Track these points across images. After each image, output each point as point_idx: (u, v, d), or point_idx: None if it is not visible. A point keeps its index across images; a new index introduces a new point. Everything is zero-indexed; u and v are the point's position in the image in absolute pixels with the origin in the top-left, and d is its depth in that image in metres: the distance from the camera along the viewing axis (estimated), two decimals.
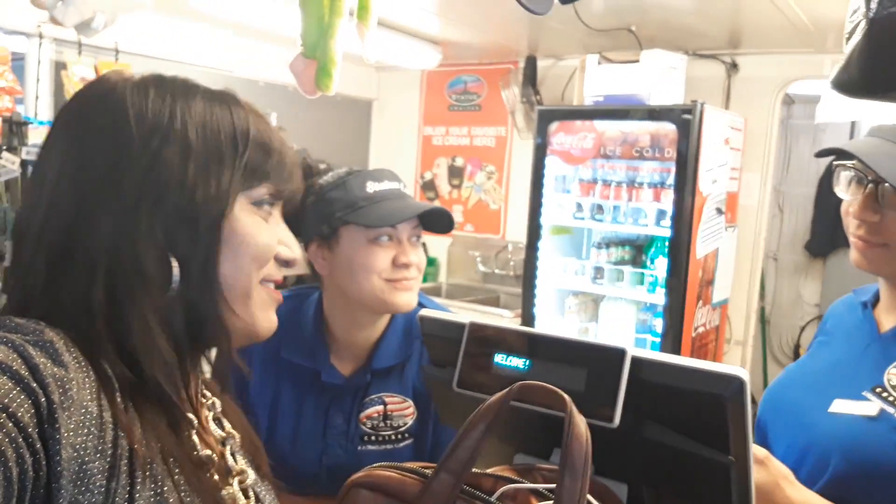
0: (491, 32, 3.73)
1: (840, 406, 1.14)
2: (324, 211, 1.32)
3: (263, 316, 0.75)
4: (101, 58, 3.44)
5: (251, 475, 0.76)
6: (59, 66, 3.38)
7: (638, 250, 3.52)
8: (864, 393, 1.13)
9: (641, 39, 3.32)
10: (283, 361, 1.36)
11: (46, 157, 0.67)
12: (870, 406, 1.11)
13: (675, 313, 3.14)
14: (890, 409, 1.08)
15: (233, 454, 0.76)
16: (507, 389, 0.72)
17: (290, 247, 0.77)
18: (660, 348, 3.20)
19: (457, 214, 4.66)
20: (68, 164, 0.66)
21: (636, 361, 0.84)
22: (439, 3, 3.21)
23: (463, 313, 3.77)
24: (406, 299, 1.32)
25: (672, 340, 3.15)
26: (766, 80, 3.56)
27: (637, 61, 3.25)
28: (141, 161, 0.66)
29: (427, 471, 0.75)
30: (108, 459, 0.55)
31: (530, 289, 3.60)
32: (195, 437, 0.69)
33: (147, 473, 0.58)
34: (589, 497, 0.70)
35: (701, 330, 3.29)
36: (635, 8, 3.01)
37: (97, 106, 0.67)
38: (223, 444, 0.76)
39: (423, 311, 1.01)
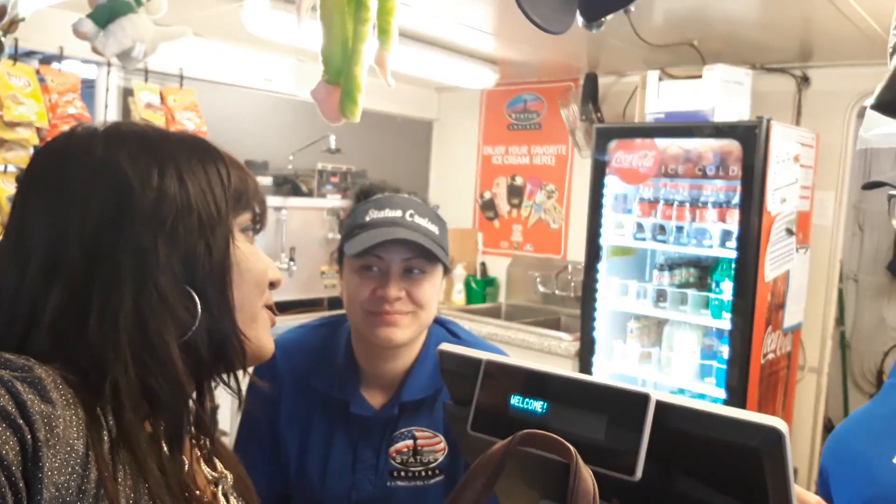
0: (548, 50, 3.67)
1: None
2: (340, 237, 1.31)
3: (267, 338, 0.78)
4: (167, 84, 3.54)
5: None
6: (127, 93, 3.49)
7: (703, 272, 3.39)
8: None
9: (704, 54, 3.20)
10: (313, 391, 1.33)
11: (24, 222, 0.66)
12: None
13: (742, 339, 3.00)
14: None
15: (225, 495, 0.74)
16: (508, 439, 0.67)
17: (274, 269, 0.79)
18: (726, 375, 3.05)
19: (517, 234, 4.60)
20: (64, 221, 0.65)
21: (661, 407, 0.77)
22: (495, 23, 3.18)
23: (520, 336, 3.71)
24: (385, 335, 1.26)
25: (739, 367, 3.00)
26: (840, 93, 3.38)
27: (700, 77, 3.13)
28: (146, 196, 0.66)
29: None
30: (91, 500, 0.54)
31: (589, 311, 3.50)
32: (187, 478, 0.66)
33: None
34: None
35: (771, 356, 3.13)
36: (698, 22, 2.91)
37: (77, 159, 0.67)
38: (215, 484, 0.73)
39: (442, 346, 0.96)
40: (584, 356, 3.50)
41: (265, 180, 3.82)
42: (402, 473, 1.29)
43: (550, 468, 0.87)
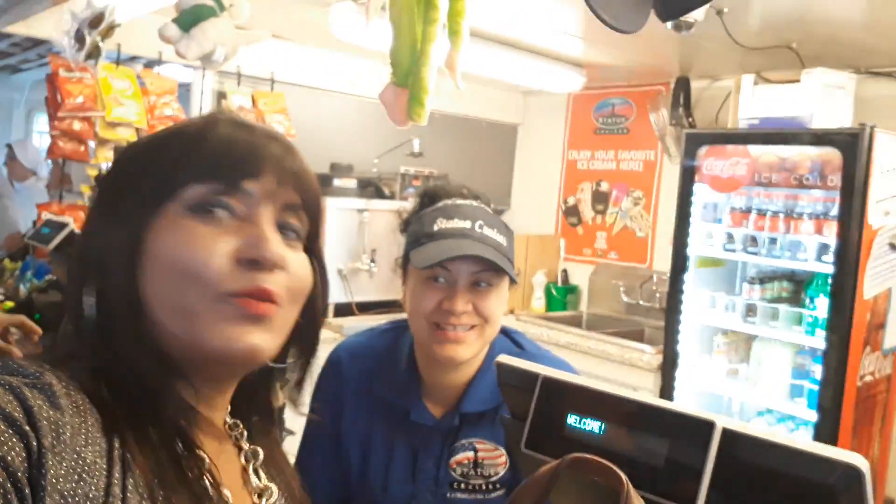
0: (637, 53, 3.58)
1: None
2: (405, 242, 1.29)
3: (223, 333, 0.62)
4: (258, 87, 3.64)
5: None
6: (220, 96, 3.61)
7: (796, 287, 3.22)
8: None
9: (804, 57, 3.04)
10: (375, 398, 1.32)
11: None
12: None
13: (837, 359, 2.82)
14: None
15: None
16: (556, 462, 0.63)
17: (254, 246, 0.63)
18: (818, 397, 2.89)
19: (600, 241, 4.50)
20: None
21: (728, 436, 0.72)
22: (582, 26, 3.12)
23: (601, 346, 3.62)
24: (448, 353, 1.22)
25: (833, 389, 2.83)
26: None
27: (798, 81, 2.98)
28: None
29: None
30: None
31: (674, 324, 3.38)
32: (207, 482, 0.64)
33: None
34: None
35: (868, 379, 2.94)
36: (796, 24, 2.77)
37: None
38: (259, 495, 0.72)
39: (500, 358, 0.93)
40: (667, 370, 3.39)
41: (350, 183, 3.87)
42: (463, 486, 1.27)
43: (603, 490, 0.83)
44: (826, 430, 2.81)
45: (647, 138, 4.23)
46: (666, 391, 3.36)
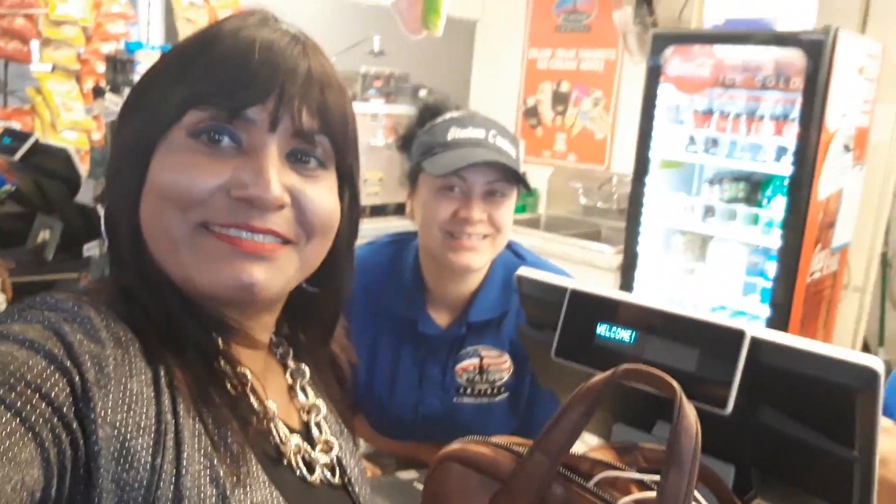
0: None
1: None
2: (412, 155, 1.28)
3: (209, 269, 0.59)
4: None
5: (336, 446, 0.73)
6: None
7: (753, 188, 3.31)
8: None
9: None
10: (382, 309, 1.34)
11: None
12: None
13: (790, 257, 2.96)
14: None
15: (317, 424, 0.73)
16: (610, 372, 0.67)
17: (248, 184, 0.59)
18: (771, 294, 3.04)
19: (559, 143, 4.52)
20: None
21: (756, 343, 0.77)
22: None
23: (561, 248, 3.69)
24: (464, 261, 1.24)
25: (785, 286, 2.98)
26: None
27: None
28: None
29: (520, 448, 0.72)
30: (152, 436, 0.53)
31: (635, 226, 3.47)
32: (253, 400, 0.65)
33: (196, 447, 0.56)
34: (695, 495, 0.65)
35: (817, 276, 3.09)
36: None
37: None
38: (307, 412, 0.73)
39: (521, 270, 0.96)
40: (627, 270, 3.50)
41: None
42: (469, 391, 1.32)
43: (626, 394, 0.88)
44: (777, 325, 2.98)
45: (608, 37, 4.19)
46: (626, 291, 3.48)
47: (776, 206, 3.08)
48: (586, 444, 0.82)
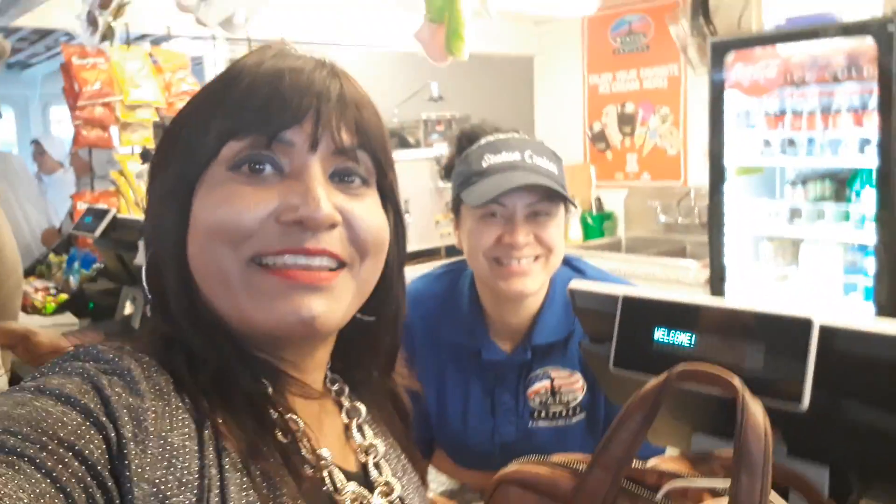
0: None
1: None
2: (452, 185, 1.27)
3: (266, 306, 0.57)
4: None
5: (398, 487, 0.69)
6: None
7: (840, 184, 3.15)
8: None
9: None
10: (444, 342, 1.32)
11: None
12: None
13: (889, 250, 2.78)
14: None
15: (376, 465, 0.69)
16: (664, 375, 0.63)
17: (296, 207, 0.57)
18: (874, 293, 2.85)
19: (631, 163, 4.44)
20: None
21: (826, 331, 0.70)
22: None
23: (644, 268, 3.60)
24: (516, 287, 1.20)
25: (888, 282, 2.80)
26: None
27: None
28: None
29: (579, 465, 0.68)
30: (195, 492, 0.51)
31: (718, 237, 3.34)
32: (305, 447, 0.61)
33: (243, 502, 0.53)
34: (773, 497, 0.60)
35: None
36: None
37: None
38: (365, 453, 0.69)
39: (573, 283, 0.92)
40: (715, 284, 3.36)
41: None
42: (543, 414, 1.28)
43: (703, 401, 0.82)
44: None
45: (668, 53, 4.13)
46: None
47: (866, 200, 2.91)
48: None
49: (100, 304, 2.56)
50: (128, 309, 2.14)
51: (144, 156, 2.48)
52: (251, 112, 0.58)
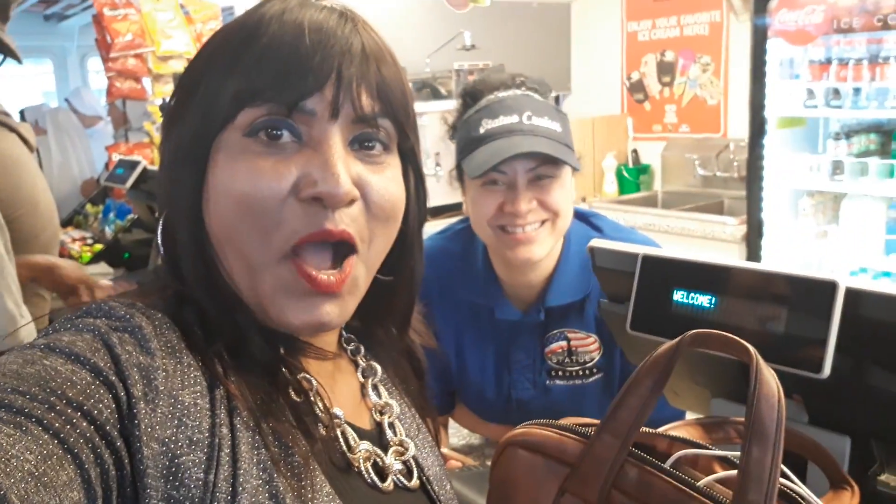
0: None
1: None
2: (455, 151, 1.24)
3: (282, 302, 0.57)
4: None
5: (412, 447, 0.68)
6: None
7: (886, 138, 3.03)
8: None
9: None
10: (459, 298, 1.31)
11: None
12: None
13: None
14: None
15: (391, 425, 0.69)
16: (676, 340, 0.61)
17: (322, 179, 0.55)
18: None
19: (670, 115, 4.32)
20: None
21: (852, 295, 0.67)
22: None
23: (680, 223, 3.52)
24: (523, 255, 1.16)
25: None
26: None
27: None
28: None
29: (587, 430, 0.66)
30: (206, 451, 0.50)
31: (756, 191, 3.26)
32: (318, 406, 0.62)
33: (254, 461, 0.53)
34: (783, 470, 0.58)
35: None
36: None
37: None
38: (381, 412, 0.69)
39: (593, 242, 0.90)
40: (752, 240, 3.29)
41: None
42: (560, 373, 1.27)
43: (722, 366, 0.80)
44: None
45: None
46: (753, 262, 3.27)
47: None
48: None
49: (134, 253, 2.61)
50: (159, 259, 2.16)
51: (163, 107, 2.48)
52: (269, 77, 0.56)
